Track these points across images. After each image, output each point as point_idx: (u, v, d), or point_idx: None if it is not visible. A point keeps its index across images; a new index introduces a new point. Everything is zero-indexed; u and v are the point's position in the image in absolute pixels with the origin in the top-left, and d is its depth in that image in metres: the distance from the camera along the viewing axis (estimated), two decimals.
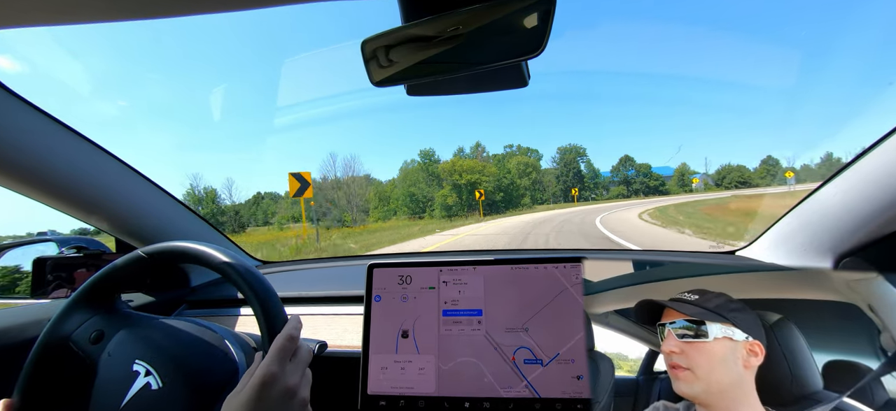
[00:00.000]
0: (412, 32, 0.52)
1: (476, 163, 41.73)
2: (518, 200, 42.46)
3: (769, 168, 55.17)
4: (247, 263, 0.58)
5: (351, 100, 31.94)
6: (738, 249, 1.06)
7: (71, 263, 1.06)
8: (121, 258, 0.63)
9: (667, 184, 54.66)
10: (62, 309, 0.62)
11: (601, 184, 55.50)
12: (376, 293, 0.77)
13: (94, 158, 0.89)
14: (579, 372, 0.68)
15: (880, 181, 0.69)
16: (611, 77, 79.22)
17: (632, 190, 54.36)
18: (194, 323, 0.67)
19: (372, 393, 0.71)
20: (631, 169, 56.31)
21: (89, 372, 0.58)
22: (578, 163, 54.75)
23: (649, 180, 54.68)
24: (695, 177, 55.13)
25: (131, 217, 1.01)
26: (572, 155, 54.26)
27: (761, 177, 53.18)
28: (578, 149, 54.84)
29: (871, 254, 0.78)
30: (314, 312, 1.00)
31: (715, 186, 53.86)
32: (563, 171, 53.50)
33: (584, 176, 54.70)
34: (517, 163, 46.12)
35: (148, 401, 0.54)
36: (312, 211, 26.92)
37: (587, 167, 55.80)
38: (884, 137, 0.68)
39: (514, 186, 42.91)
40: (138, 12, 0.50)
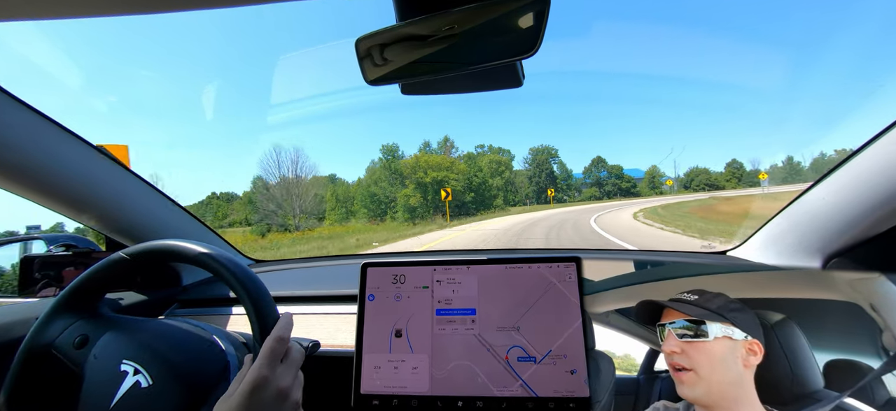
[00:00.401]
0: (407, 31, 0.52)
1: (444, 159, 35.92)
2: (490, 201, 38.31)
3: (734, 171, 55.16)
4: (239, 261, 0.58)
5: (337, 100, 30.45)
6: (730, 249, 1.07)
7: (59, 261, 1.04)
8: (102, 260, 0.61)
9: (638, 186, 54.08)
10: (42, 318, 0.60)
11: (574, 186, 53.89)
12: (370, 292, 0.77)
13: (82, 154, 0.87)
14: (574, 368, 0.68)
15: (868, 183, 0.70)
16: (581, 76, 78.61)
17: (604, 191, 53.47)
18: (183, 322, 0.66)
19: (365, 392, 0.71)
20: (603, 170, 55.40)
21: (76, 377, 0.57)
22: (551, 164, 52.21)
23: (621, 182, 53.90)
24: (669, 180, 54.52)
25: (121, 215, 1.00)
26: (544, 155, 51.76)
27: (726, 179, 53.39)
28: (550, 149, 52.30)
29: (859, 255, 0.79)
30: (307, 311, 0.99)
31: (684, 189, 53.60)
32: (535, 172, 51.06)
33: (556, 177, 52.41)
34: (489, 162, 42.30)
35: (138, 399, 0.53)
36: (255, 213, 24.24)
37: (560, 168, 53.67)
38: (871, 140, 0.69)
39: (485, 186, 38.65)
40: (130, 7, 0.49)
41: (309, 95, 38.76)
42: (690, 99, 68.65)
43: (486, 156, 44.53)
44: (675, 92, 73.81)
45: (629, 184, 54.17)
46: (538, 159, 52.16)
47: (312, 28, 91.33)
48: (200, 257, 0.58)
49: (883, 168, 0.68)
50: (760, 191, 33.61)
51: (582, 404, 0.67)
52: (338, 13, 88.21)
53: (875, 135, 0.69)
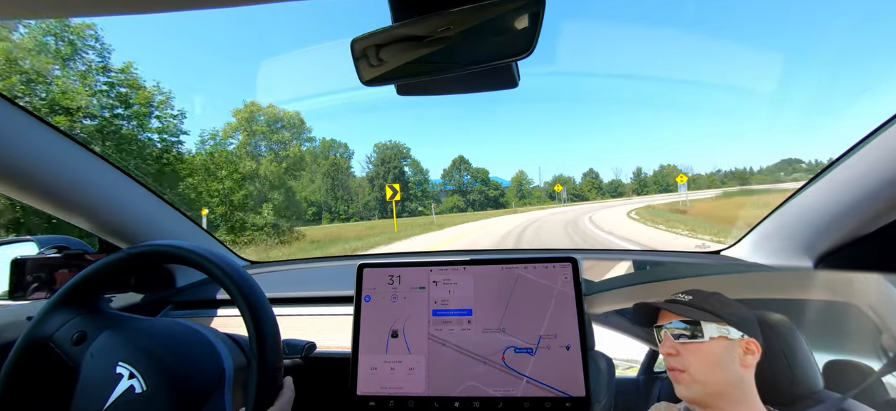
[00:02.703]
0: (402, 32, 0.52)
1: (221, 156, 19.26)
2: (303, 214, 27.18)
3: (592, 181, 53.17)
4: (235, 264, 0.57)
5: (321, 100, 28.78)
6: (723, 249, 1.08)
7: (51, 264, 1.03)
8: (105, 257, 0.62)
9: (506, 195, 48.11)
10: (43, 310, 0.60)
11: (431, 193, 45.42)
12: (366, 293, 0.77)
13: (73, 154, 0.86)
14: (572, 364, 0.68)
15: (855, 184, 0.72)
16: None
17: (468, 200, 46.33)
18: (180, 324, 0.66)
19: (361, 393, 0.71)
20: (466, 173, 48.58)
21: (71, 374, 0.57)
22: (402, 164, 43.33)
23: (488, 189, 47.80)
24: (559, 188, 49.41)
25: (114, 216, 0.99)
26: (393, 152, 43.05)
27: (588, 190, 51.34)
28: (402, 147, 43.84)
29: (850, 254, 0.80)
30: (303, 313, 0.99)
31: (549, 198, 48.53)
32: (379, 172, 41.84)
33: (408, 181, 43.63)
34: (316, 160, 33.92)
35: (132, 405, 0.53)
36: None
37: (413, 169, 44.67)
38: (860, 142, 0.71)
39: (290, 193, 24.27)
40: (129, 7, 0.49)
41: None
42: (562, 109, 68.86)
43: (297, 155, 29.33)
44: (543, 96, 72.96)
45: (497, 191, 47.98)
46: (385, 157, 42.92)
47: (310, 29, 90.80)
48: (197, 259, 0.58)
49: (869, 170, 0.69)
50: (646, 200, 33.09)
51: (579, 403, 0.67)
52: (333, 14, 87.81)
53: (862, 138, 0.70)
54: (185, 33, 60.85)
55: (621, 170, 60.62)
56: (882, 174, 0.67)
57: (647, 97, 79.96)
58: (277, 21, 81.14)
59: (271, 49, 76.54)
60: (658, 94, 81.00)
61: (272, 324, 0.56)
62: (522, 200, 48.15)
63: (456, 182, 47.27)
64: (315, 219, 33.67)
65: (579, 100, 70.98)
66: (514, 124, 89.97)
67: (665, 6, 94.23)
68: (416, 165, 44.77)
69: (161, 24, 51.30)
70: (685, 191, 24.64)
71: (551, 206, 39.42)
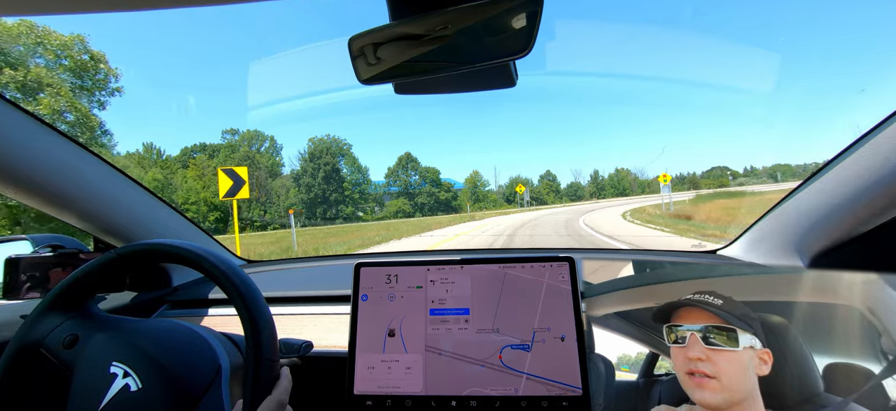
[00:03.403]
0: (400, 31, 0.51)
1: None
2: (199, 220, 13.27)
3: (549, 183, 50.78)
4: (231, 262, 0.57)
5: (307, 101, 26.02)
6: (719, 249, 1.09)
7: (45, 263, 1.02)
8: (95, 259, 0.61)
9: (459, 198, 43.00)
10: (32, 315, 0.59)
11: (372, 196, 39.07)
12: (363, 292, 0.76)
13: (67, 152, 0.86)
14: (568, 356, 0.68)
15: (852, 184, 0.72)
16: None
17: (416, 204, 39.58)
18: (174, 323, 0.65)
19: (358, 392, 0.71)
20: (414, 173, 41.61)
21: (65, 377, 0.56)
22: (336, 161, 36.24)
23: (439, 191, 41.25)
24: (521, 188, 44.22)
25: (108, 214, 0.98)
26: (325, 147, 35.88)
27: (546, 193, 48.92)
28: (341, 143, 37.04)
29: (845, 254, 0.81)
30: (300, 312, 0.99)
31: (506, 203, 43.86)
32: (307, 169, 34.33)
33: (343, 181, 36.34)
34: (231, 156, 27.87)
35: (127, 404, 0.53)
36: None
37: (351, 167, 37.41)
38: (855, 143, 0.71)
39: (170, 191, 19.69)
40: (127, 5, 0.49)
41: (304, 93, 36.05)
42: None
43: (223, 148, 26.33)
44: None
45: (449, 194, 41.47)
46: (317, 151, 35.26)
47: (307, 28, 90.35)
48: (193, 257, 0.57)
49: (865, 169, 0.70)
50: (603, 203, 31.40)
51: (575, 403, 0.67)
52: (330, 12, 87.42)
53: (857, 138, 0.71)
54: None
55: (580, 172, 60.17)
56: (878, 173, 0.67)
57: (608, 98, 79.37)
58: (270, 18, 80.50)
59: (270, 47, 76.27)
60: (619, 95, 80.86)
61: (268, 319, 0.56)
62: (477, 203, 43.29)
63: (402, 182, 40.88)
64: (220, 226, 27.21)
65: (536, 98, 70.64)
66: (470, 125, 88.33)
67: (616, 6, 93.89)
68: (353, 162, 37.48)
69: None
70: (668, 193, 21.90)
71: (513, 211, 35.38)
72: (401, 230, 18.52)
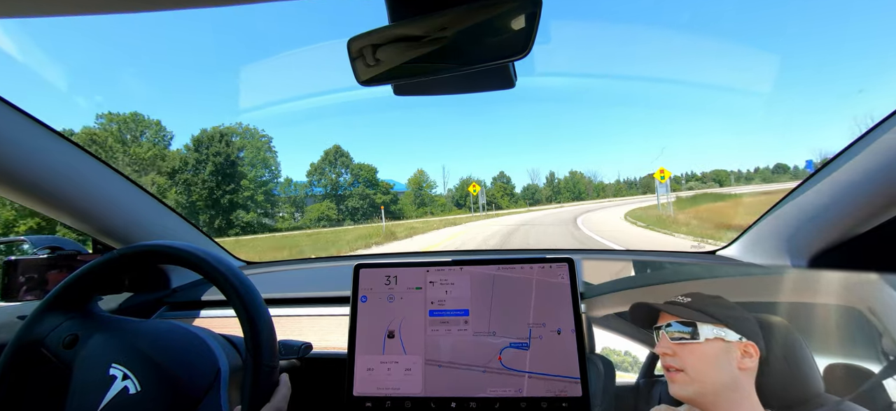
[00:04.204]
0: (399, 32, 0.51)
1: None
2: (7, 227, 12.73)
3: (504, 186, 47.31)
4: (230, 264, 0.57)
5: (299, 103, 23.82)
6: (718, 249, 1.09)
7: (44, 264, 1.02)
8: (96, 259, 0.61)
9: (400, 201, 36.50)
10: (33, 313, 0.59)
11: (289, 198, 31.03)
12: (362, 293, 0.76)
13: (66, 153, 0.86)
14: (566, 348, 0.68)
15: (851, 183, 0.72)
16: None
17: (346, 209, 32.15)
18: (174, 325, 0.65)
19: (357, 394, 0.71)
20: (345, 170, 33.02)
21: (63, 377, 0.56)
22: (235, 153, 26.78)
23: (376, 193, 33.51)
24: (476, 188, 35.09)
25: (107, 215, 0.98)
26: (218, 133, 26.12)
27: (500, 195, 45.58)
28: (256, 132, 28.53)
29: (844, 254, 0.81)
30: (299, 313, 0.98)
31: (456, 207, 37.97)
32: (189, 162, 24.78)
33: (242, 177, 26.45)
34: (89, 146, 11.85)
35: (126, 406, 0.52)
36: None
37: (255, 161, 28.18)
38: (854, 143, 0.71)
39: None
40: (127, 5, 0.49)
41: None
42: None
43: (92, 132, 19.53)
44: None
45: (389, 196, 34.45)
46: (208, 138, 25.86)
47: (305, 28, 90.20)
48: (193, 259, 0.57)
49: (864, 169, 0.70)
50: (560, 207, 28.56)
51: (575, 404, 0.67)
52: (328, 13, 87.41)
53: (857, 138, 0.71)
54: None
55: (537, 172, 56.18)
56: (877, 173, 0.68)
57: (564, 96, 77.25)
58: (268, 19, 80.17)
59: (270, 47, 75.80)
60: (576, 93, 79.59)
61: (267, 322, 0.55)
62: (422, 208, 36.73)
63: (329, 181, 32.24)
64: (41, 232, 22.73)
65: (492, 99, 70.20)
66: (416, 122, 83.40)
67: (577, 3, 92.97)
68: (258, 154, 27.44)
69: None
70: (665, 193, 17.92)
71: (468, 217, 28.27)
72: None
